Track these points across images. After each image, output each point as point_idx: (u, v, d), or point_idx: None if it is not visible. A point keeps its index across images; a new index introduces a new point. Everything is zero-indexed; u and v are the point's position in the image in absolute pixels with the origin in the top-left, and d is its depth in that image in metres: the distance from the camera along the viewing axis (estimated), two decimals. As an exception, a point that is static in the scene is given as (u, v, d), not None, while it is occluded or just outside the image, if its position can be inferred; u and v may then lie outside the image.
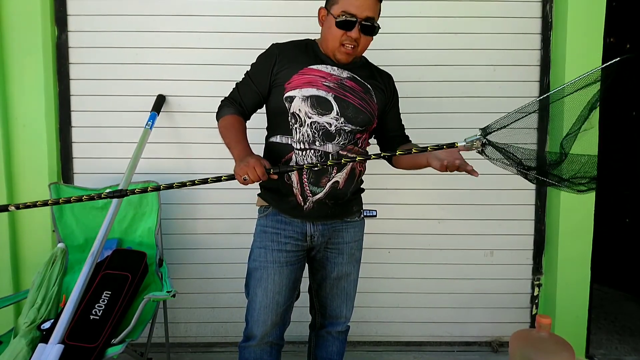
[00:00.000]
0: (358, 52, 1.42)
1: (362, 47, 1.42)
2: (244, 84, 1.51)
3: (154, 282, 1.95)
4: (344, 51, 1.40)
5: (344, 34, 1.37)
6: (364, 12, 1.34)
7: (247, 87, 1.49)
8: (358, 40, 1.38)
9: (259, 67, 1.48)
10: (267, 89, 1.46)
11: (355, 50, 1.40)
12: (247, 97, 1.49)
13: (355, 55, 1.43)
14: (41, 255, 2.11)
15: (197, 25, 2.19)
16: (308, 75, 1.42)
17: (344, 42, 1.38)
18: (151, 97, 2.16)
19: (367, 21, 1.36)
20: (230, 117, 1.46)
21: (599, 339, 2.49)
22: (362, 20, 1.35)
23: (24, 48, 2.09)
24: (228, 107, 1.49)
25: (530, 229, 2.34)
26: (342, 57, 1.42)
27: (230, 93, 1.53)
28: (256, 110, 1.53)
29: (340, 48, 1.39)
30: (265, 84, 1.46)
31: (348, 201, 1.51)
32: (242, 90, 1.50)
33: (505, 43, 2.24)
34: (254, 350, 1.49)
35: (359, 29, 1.36)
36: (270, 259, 1.47)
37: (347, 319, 1.65)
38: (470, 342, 2.42)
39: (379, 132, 1.61)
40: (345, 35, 1.37)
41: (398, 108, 1.61)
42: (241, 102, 1.49)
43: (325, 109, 1.41)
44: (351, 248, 1.57)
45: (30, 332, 1.58)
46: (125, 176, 1.90)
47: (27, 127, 2.13)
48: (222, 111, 1.49)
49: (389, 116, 1.58)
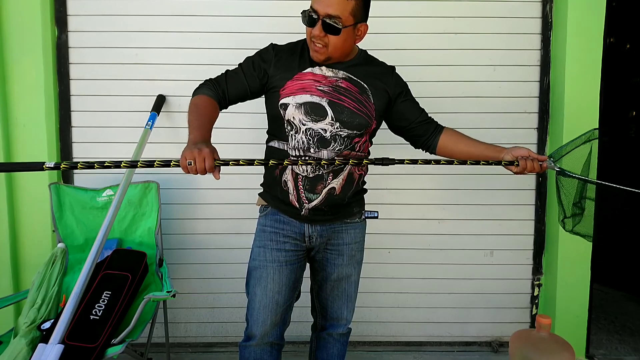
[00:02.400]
0: (331, 52, 1.35)
1: (333, 47, 1.34)
2: (234, 73, 1.46)
3: (154, 282, 1.95)
4: (313, 48, 1.36)
5: (310, 30, 1.33)
6: (325, 9, 1.29)
7: (237, 78, 1.44)
8: (324, 39, 1.33)
9: (255, 62, 1.44)
10: (258, 86, 1.43)
11: (325, 50, 1.35)
12: (234, 87, 1.44)
13: (327, 55, 1.36)
14: (41, 255, 2.11)
15: (197, 25, 2.20)
16: (302, 81, 1.40)
17: (312, 39, 1.35)
18: (151, 97, 2.16)
19: (328, 18, 1.29)
20: (205, 98, 1.39)
21: (599, 339, 2.49)
22: (323, 17, 1.30)
23: (24, 48, 2.09)
24: (208, 89, 1.42)
25: (530, 229, 2.34)
26: (313, 54, 1.38)
27: (216, 76, 1.46)
28: (237, 103, 1.48)
29: (310, 45, 1.37)
30: (256, 81, 1.43)
31: (347, 205, 1.50)
32: (230, 80, 1.44)
33: (505, 43, 2.24)
34: (254, 349, 1.49)
35: (320, 27, 1.31)
36: (269, 258, 1.47)
37: (347, 321, 1.64)
38: (470, 342, 2.42)
39: (401, 128, 1.55)
40: (311, 33, 1.33)
41: (411, 96, 1.54)
42: (225, 90, 1.43)
43: (319, 115, 1.38)
44: (351, 249, 1.55)
45: (30, 332, 1.58)
46: (125, 176, 1.90)
47: (27, 127, 2.13)
48: (200, 89, 1.43)
49: (405, 107, 1.51)
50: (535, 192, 2.33)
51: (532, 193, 2.33)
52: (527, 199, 2.33)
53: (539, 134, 2.29)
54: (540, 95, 2.27)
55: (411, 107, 1.53)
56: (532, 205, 2.33)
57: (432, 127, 1.54)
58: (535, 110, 2.28)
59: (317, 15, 1.30)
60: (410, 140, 1.59)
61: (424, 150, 1.58)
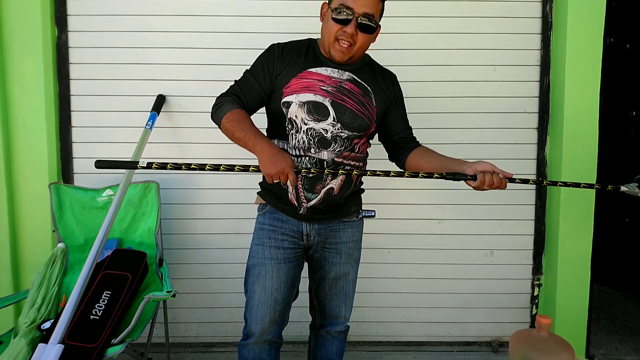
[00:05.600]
0: (355, 51, 1.36)
1: (359, 47, 1.35)
2: (245, 81, 1.43)
3: (154, 282, 1.95)
4: (339, 48, 1.34)
5: (340, 28, 1.32)
6: (361, 8, 1.29)
7: (249, 85, 1.42)
8: (354, 37, 1.32)
9: (261, 66, 1.42)
10: (270, 88, 1.42)
11: (351, 49, 1.35)
12: (249, 94, 1.41)
13: (351, 54, 1.36)
14: (41, 255, 2.11)
15: (197, 25, 2.20)
16: (306, 80, 1.39)
17: (339, 37, 1.33)
18: (151, 97, 2.16)
19: (365, 17, 1.30)
20: (238, 111, 1.35)
21: (599, 339, 2.49)
22: (360, 15, 1.30)
23: (24, 48, 2.09)
24: (231, 103, 1.38)
25: (530, 229, 2.34)
26: (336, 54, 1.36)
27: (228, 90, 1.44)
28: (257, 110, 1.47)
29: (335, 44, 1.35)
30: (268, 83, 1.41)
31: (344, 204, 1.50)
32: (244, 87, 1.42)
33: (505, 43, 2.24)
34: (253, 348, 1.49)
35: (355, 25, 1.31)
36: (268, 255, 1.47)
37: (346, 319, 1.65)
38: (470, 342, 2.42)
39: (383, 136, 1.56)
40: (341, 30, 1.32)
41: (403, 109, 1.55)
42: (244, 100, 1.41)
43: (321, 115, 1.38)
44: (349, 248, 1.56)
45: (30, 332, 1.58)
46: (125, 176, 1.90)
47: (27, 127, 2.13)
48: (223, 107, 1.37)
49: (392, 117, 1.52)
50: (535, 192, 2.33)
51: (532, 193, 2.33)
52: (527, 199, 2.33)
53: (539, 134, 2.29)
54: (540, 95, 2.27)
55: (399, 119, 1.54)
56: (532, 205, 2.33)
57: (410, 145, 1.55)
58: (535, 110, 2.28)
59: (352, 13, 1.30)
60: (387, 151, 1.61)
61: (395, 164, 1.60)
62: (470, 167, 1.32)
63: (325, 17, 1.39)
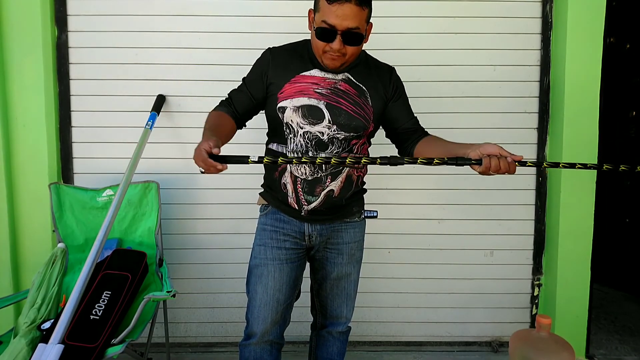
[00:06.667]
0: (347, 59, 1.34)
1: (350, 55, 1.33)
2: (238, 90, 1.48)
3: (154, 282, 1.95)
4: (330, 57, 1.33)
5: (326, 44, 1.30)
6: (344, 23, 1.25)
7: (241, 93, 1.47)
8: (342, 50, 1.31)
9: (254, 72, 1.46)
10: (263, 94, 1.44)
11: (342, 59, 1.33)
12: (240, 103, 1.46)
13: (343, 61, 1.35)
14: (41, 255, 2.11)
15: (197, 25, 2.19)
16: (300, 84, 1.39)
17: (326, 51, 1.32)
18: (151, 97, 2.16)
19: (349, 31, 1.27)
20: (218, 112, 1.43)
21: (599, 339, 2.49)
22: (343, 31, 1.26)
23: (24, 48, 2.09)
24: (222, 106, 1.47)
25: (530, 229, 2.34)
26: (329, 63, 1.35)
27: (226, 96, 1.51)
28: (252, 117, 1.51)
29: (324, 55, 1.34)
30: (260, 90, 1.43)
31: (346, 205, 1.50)
32: (236, 97, 1.47)
33: (505, 43, 2.24)
34: (254, 348, 1.49)
35: (340, 41, 1.28)
36: (270, 256, 1.47)
37: (347, 319, 1.65)
38: (470, 342, 2.42)
39: (389, 130, 1.54)
40: (327, 47, 1.30)
41: (405, 100, 1.52)
42: (234, 107, 1.46)
43: (316, 117, 1.38)
44: (351, 248, 1.56)
45: (30, 332, 1.58)
46: (125, 176, 1.90)
47: (27, 127, 2.13)
48: (215, 108, 1.48)
49: (394, 109, 1.48)
50: (535, 192, 2.33)
51: (532, 193, 2.33)
52: (527, 199, 2.33)
53: (539, 134, 2.29)
54: (540, 95, 2.27)
55: (402, 109, 1.50)
56: (532, 205, 2.33)
57: (416, 135, 1.50)
58: (535, 110, 2.28)
59: (336, 30, 1.27)
60: (396, 146, 1.56)
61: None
62: (474, 151, 1.23)
63: (311, 29, 1.36)
